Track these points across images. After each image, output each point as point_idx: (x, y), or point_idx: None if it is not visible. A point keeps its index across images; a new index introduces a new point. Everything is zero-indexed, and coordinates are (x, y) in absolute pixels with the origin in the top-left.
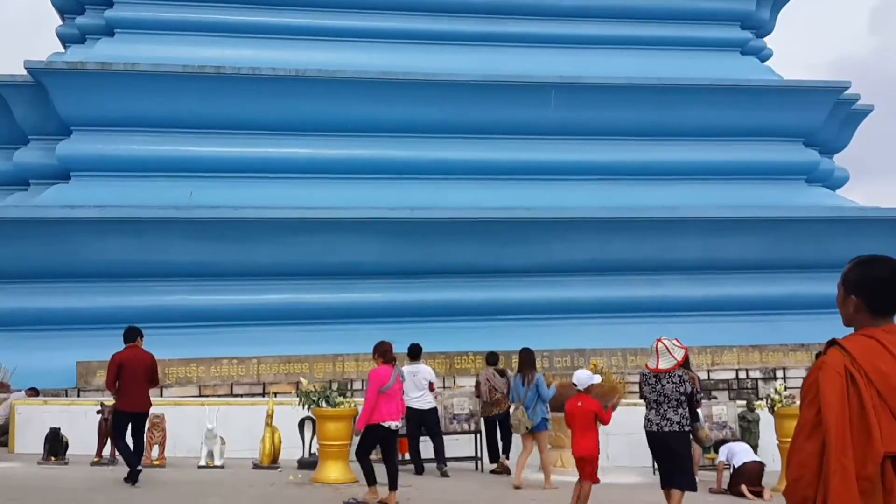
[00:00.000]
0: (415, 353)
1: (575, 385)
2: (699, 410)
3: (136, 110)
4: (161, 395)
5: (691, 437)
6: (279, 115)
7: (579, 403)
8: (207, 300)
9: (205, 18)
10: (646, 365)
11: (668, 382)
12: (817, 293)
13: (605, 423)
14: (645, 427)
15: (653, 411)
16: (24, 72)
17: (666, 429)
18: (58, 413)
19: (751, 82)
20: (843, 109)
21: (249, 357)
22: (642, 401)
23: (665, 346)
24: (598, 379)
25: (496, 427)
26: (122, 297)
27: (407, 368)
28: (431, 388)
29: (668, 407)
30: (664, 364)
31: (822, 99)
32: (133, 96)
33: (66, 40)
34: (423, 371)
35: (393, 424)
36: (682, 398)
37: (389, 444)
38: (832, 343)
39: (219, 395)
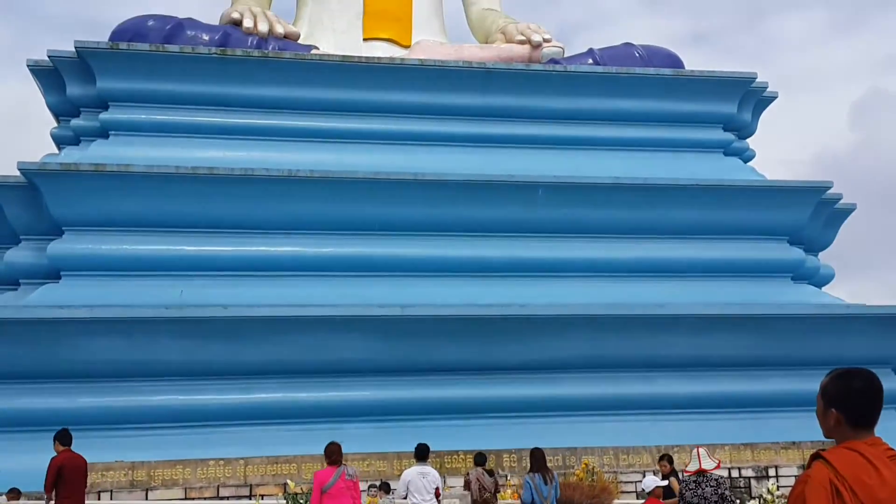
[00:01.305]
0: (422, 454)
1: (644, 489)
2: None
3: (129, 211)
4: (146, 499)
5: None
6: (271, 215)
7: None
8: (194, 400)
9: (198, 121)
10: (684, 470)
11: (706, 486)
12: (807, 390)
13: None
14: None
15: None
16: (17, 172)
17: None
18: None
19: (735, 182)
20: (827, 208)
21: (236, 458)
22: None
23: (703, 451)
24: (663, 483)
25: None
26: (110, 397)
27: (416, 469)
28: (437, 494)
29: None
30: (704, 465)
31: (804, 198)
32: (126, 197)
33: (60, 142)
34: (431, 474)
35: None
36: (721, 500)
37: None
38: (816, 456)
39: (205, 498)
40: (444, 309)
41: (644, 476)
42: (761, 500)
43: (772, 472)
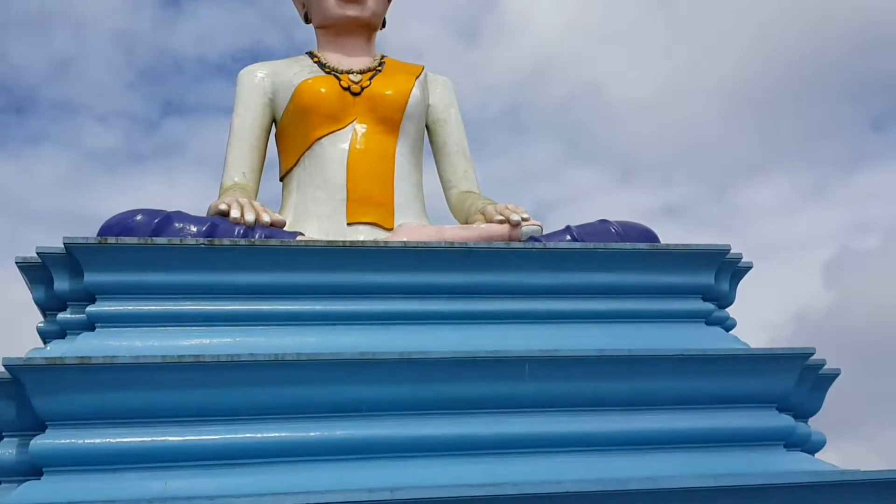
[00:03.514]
0: None
1: None
2: None
3: (114, 403)
4: None
5: None
6: (257, 400)
7: None
8: None
9: (185, 309)
10: None
11: None
12: None
13: None
14: None
15: None
16: (2, 369)
17: None
18: None
19: (718, 351)
20: (812, 374)
21: None
22: None
23: None
24: None
25: None
26: None
27: None
28: None
29: None
30: None
31: (788, 365)
32: (111, 389)
33: (46, 336)
34: None
35: None
36: None
37: None
38: None
39: None
40: (435, 490)
41: None
42: None
43: None
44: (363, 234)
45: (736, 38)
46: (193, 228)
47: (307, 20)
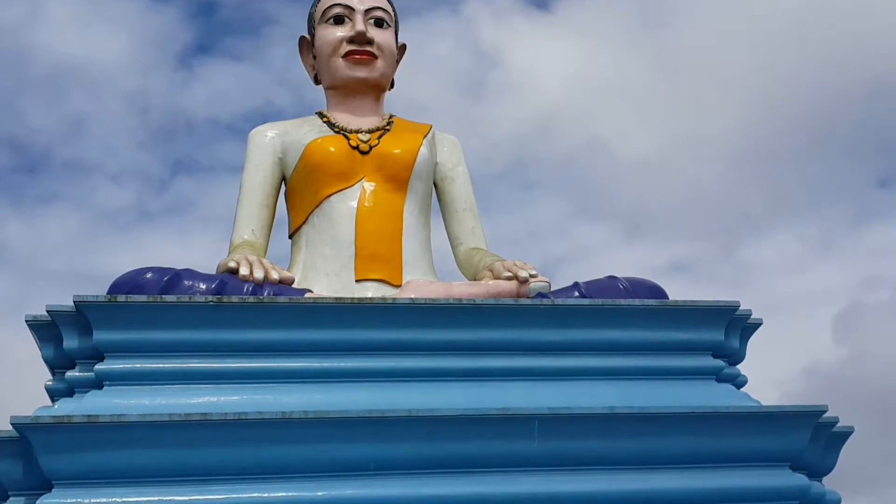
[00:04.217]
0: None
1: None
2: None
3: (122, 462)
4: None
5: None
6: (265, 458)
7: None
8: None
9: (193, 367)
10: None
11: None
12: None
13: None
14: None
15: None
16: (9, 427)
17: None
18: None
19: (730, 409)
20: (825, 431)
21: None
22: None
23: None
24: None
25: None
26: None
27: None
28: None
29: None
30: None
31: (801, 423)
32: (118, 448)
33: (54, 395)
34: None
35: None
36: None
37: None
38: None
39: None
40: None
41: None
42: None
43: None
44: (371, 291)
45: (741, 93)
46: (203, 286)
47: (317, 81)
